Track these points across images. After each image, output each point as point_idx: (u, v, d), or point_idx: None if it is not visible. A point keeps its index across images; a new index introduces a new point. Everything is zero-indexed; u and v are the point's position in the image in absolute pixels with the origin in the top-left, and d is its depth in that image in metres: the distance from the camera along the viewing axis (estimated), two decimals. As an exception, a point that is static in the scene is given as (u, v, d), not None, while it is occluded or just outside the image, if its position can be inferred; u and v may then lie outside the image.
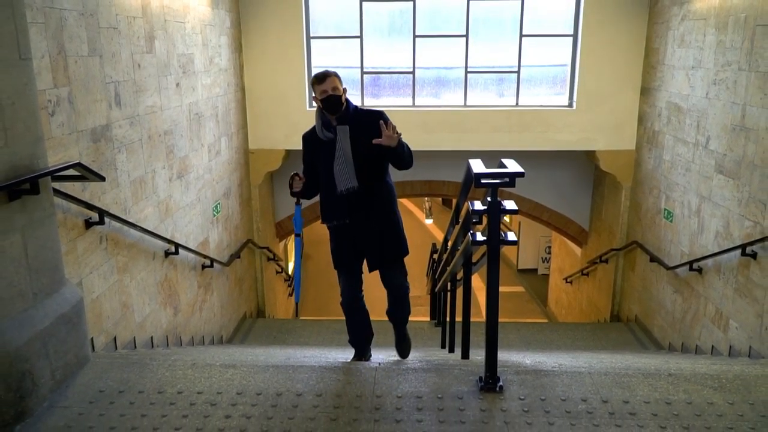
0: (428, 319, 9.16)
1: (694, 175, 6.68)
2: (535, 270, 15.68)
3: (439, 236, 18.51)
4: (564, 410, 2.91)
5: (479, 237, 3.14)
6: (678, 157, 7.08)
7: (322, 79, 3.65)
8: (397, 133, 3.49)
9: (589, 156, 8.95)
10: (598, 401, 2.98)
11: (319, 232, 15.08)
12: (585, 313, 10.66)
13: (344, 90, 3.72)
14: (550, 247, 14.12)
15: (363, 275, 3.99)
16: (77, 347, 3.25)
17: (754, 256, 5.41)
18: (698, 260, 6.40)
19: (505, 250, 17.03)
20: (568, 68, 8.45)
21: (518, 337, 8.10)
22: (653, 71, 7.83)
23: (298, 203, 3.88)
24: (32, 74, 2.94)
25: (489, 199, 2.84)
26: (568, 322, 10.67)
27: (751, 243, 5.39)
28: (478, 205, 3.05)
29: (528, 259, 15.85)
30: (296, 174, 3.76)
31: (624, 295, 8.98)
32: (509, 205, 2.90)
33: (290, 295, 11.42)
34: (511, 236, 3.05)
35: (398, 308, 4.08)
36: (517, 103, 8.62)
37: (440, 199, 21.73)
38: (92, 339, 4.33)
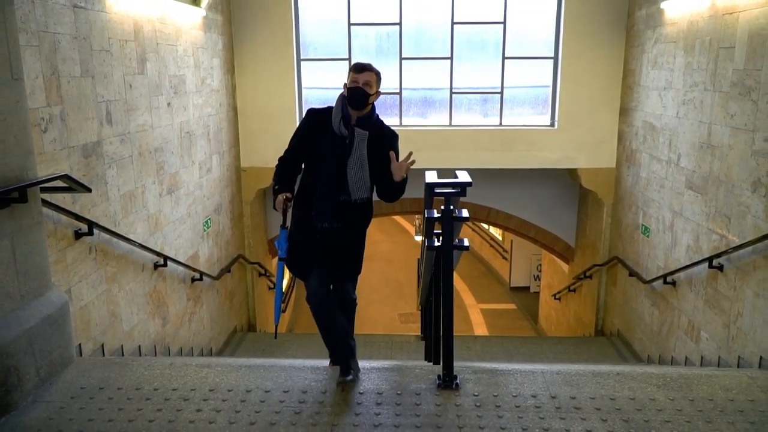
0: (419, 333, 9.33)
1: (667, 191, 6.91)
2: (528, 288, 15.82)
3: (434, 254, 18.71)
4: (514, 405, 3.11)
5: (435, 243, 3.35)
6: (653, 174, 7.32)
7: (360, 69, 3.32)
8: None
9: (572, 174, 9.20)
10: (547, 397, 3.18)
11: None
12: (572, 328, 10.82)
13: (377, 93, 3.40)
14: (541, 265, 14.31)
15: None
16: (62, 347, 3.47)
17: (720, 268, 5.61)
18: (671, 273, 6.60)
19: (498, 268, 17.23)
20: (550, 89, 8.73)
21: (502, 350, 8.27)
22: (630, 92, 8.11)
23: (284, 226, 3.51)
24: (24, 93, 3.19)
25: (443, 207, 3.06)
26: (552, 336, 10.85)
27: (717, 255, 5.60)
28: (434, 214, 3.27)
29: (520, 277, 16.01)
30: (287, 198, 3.40)
31: (607, 310, 9.16)
32: (463, 213, 3.12)
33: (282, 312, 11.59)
34: (466, 242, 3.25)
35: (347, 315, 3.74)
36: (500, 123, 8.90)
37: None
38: (80, 345, 4.54)
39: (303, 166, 3.55)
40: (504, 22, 8.49)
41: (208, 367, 3.54)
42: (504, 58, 8.61)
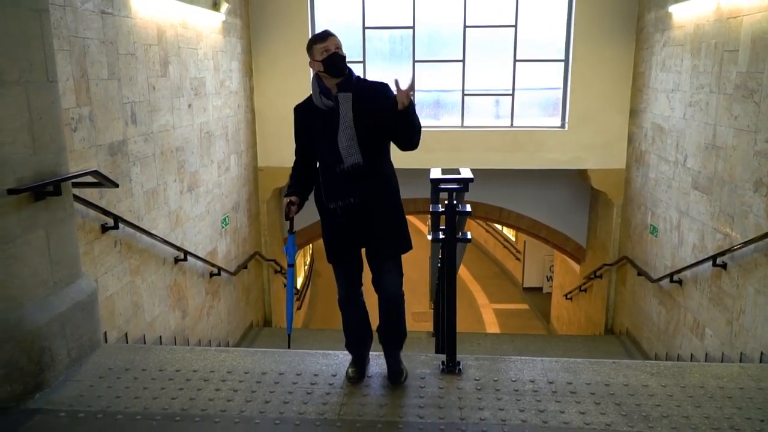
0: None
1: (674, 191, 7.03)
2: (540, 288, 15.94)
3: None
4: (512, 389, 3.29)
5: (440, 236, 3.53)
6: (661, 175, 7.44)
7: (324, 37, 3.14)
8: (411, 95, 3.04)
9: (582, 175, 9.33)
10: (545, 382, 3.36)
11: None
12: (583, 328, 10.93)
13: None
14: (553, 266, 14.42)
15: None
16: (91, 332, 3.71)
17: (724, 266, 5.74)
18: (677, 272, 6.72)
19: (511, 268, 17.36)
20: (560, 91, 8.88)
21: (512, 347, 8.43)
22: (640, 94, 8.23)
23: (291, 231, 3.45)
24: (58, 94, 3.45)
25: (446, 201, 3.26)
26: (562, 335, 10.98)
27: (721, 254, 5.73)
28: (438, 208, 3.46)
29: (533, 278, 16.12)
30: (291, 202, 3.31)
31: (617, 309, 9.27)
32: (466, 207, 3.31)
33: (295, 310, 11.81)
34: (468, 235, 3.44)
35: (392, 322, 3.41)
36: (511, 124, 9.06)
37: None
38: (105, 333, 4.80)
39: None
40: (515, 26, 8.66)
41: (226, 352, 3.77)
42: (515, 60, 8.78)
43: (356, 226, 3.23)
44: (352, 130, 3.13)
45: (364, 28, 8.86)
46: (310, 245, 14.69)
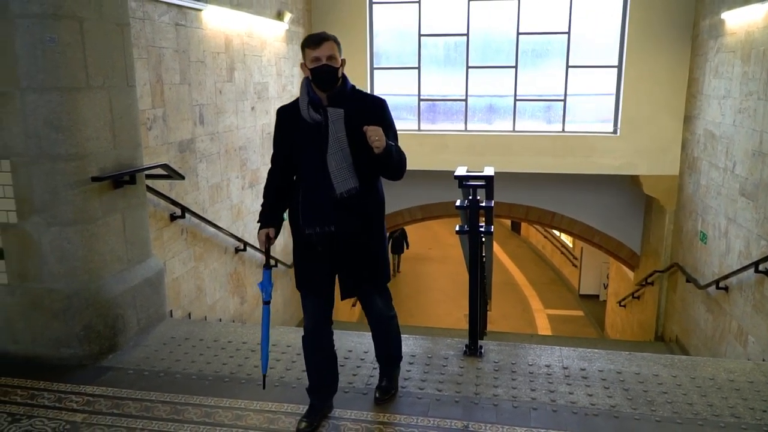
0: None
1: (723, 198, 7.02)
2: (597, 296, 15.78)
3: (506, 261, 18.90)
4: (528, 372, 3.56)
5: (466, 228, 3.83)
6: (711, 182, 7.42)
7: (317, 42, 2.74)
8: (388, 141, 2.73)
9: (634, 180, 9.34)
10: (559, 368, 3.62)
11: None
12: (635, 335, 10.85)
13: (343, 62, 2.83)
14: (609, 273, 14.29)
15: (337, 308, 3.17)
16: (157, 305, 4.24)
17: (767, 273, 5.74)
18: (723, 279, 6.71)
19: (568, 275, 17.25)
20: (613, 96, 8.94)
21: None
22: (693, 100, 8.21)
23: (267, 266, 2.97)
24: (136, 97, 3.98)
25: (470, 197, 3.57)
26: (608, 339, 10.94)
27: (764, 260, 5.74)
28: (459, 203, 3.75)
29: (589, 285, 15.98)
30: (268, 235, 2.95)
31: (667, 316, 9.22)
32: (486, 203, 3.61)
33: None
34: (492, 228, 3.73)
35: (385, 345, 3.23)
36: (563, 129, 9.19)
37: (509, 222, 21.95)
38: (171, 311, 5.35)
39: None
40: (568, 32, 8.80)
41: (273, 328, 4.20)
42: (568, 66, 8.91)
43: (334, 255, 2.89)
44: (345, 151, 2.77)
45: (420, 35, 9.21)
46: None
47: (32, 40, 3.30)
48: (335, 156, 2.78)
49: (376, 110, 2.88)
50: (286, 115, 2.92)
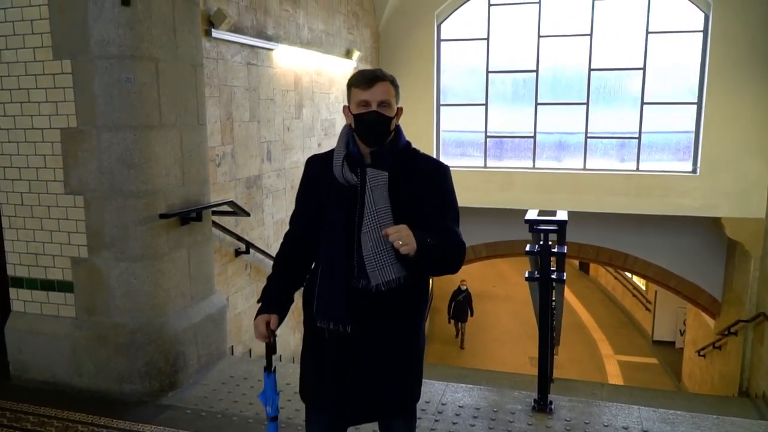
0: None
1: (818, 245, 6.48)
2: (673, 343, 14.88)
3: (574, 302, 18.20)
4: (603, 433, 3.29)
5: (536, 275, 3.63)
6: (804, 227, 6.88)
7: (369, 81, 2.10)
8: (424, 238, 1.99)
9: (716, 222, 8.80)
10: (639, 430, 3.32)
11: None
12: (716, 388, 10.10)
13: (399, 111, 2.19)
14: (687, 320, 13.47)
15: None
16: (218, 342, 4.22)
17: None
18: (819, 333, 6.15)
19: (640, 319, 16.41)
20: (692, 134, 8.52)
21: (630, 401, 8.01)
22: (782, 139, 7.71)
23: (269, 368, 2.43)
24: (206, 135, 4.04)
25: (541, 242, 3.38)
26: (687, 393, 10.21)
27: None
28: (529, 248, 3.57)
29: (664, 331, 15.11)
30: (268, 324, 2.36)
31: (753, 370, 8.52)
32: (559, 248, 3.41)
33: None
34: (564, 276, 3.52)
35: None
36: (637, 168, 8.81)
37: (577, 263, 21.21)
38: (232, 347, 5.35)
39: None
40: (644, 68, 8.49)
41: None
42: (643, 103, 8.58)
43: (350, 367, 2.19)
44: (383, 228, 2.02)
45: (488, 72, 9.12)
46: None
47: (110, 80, 3.40)
48: (370, 234, 2.08)
49: (434, 179, 2.16)
50: (317, 168, 2.27)
